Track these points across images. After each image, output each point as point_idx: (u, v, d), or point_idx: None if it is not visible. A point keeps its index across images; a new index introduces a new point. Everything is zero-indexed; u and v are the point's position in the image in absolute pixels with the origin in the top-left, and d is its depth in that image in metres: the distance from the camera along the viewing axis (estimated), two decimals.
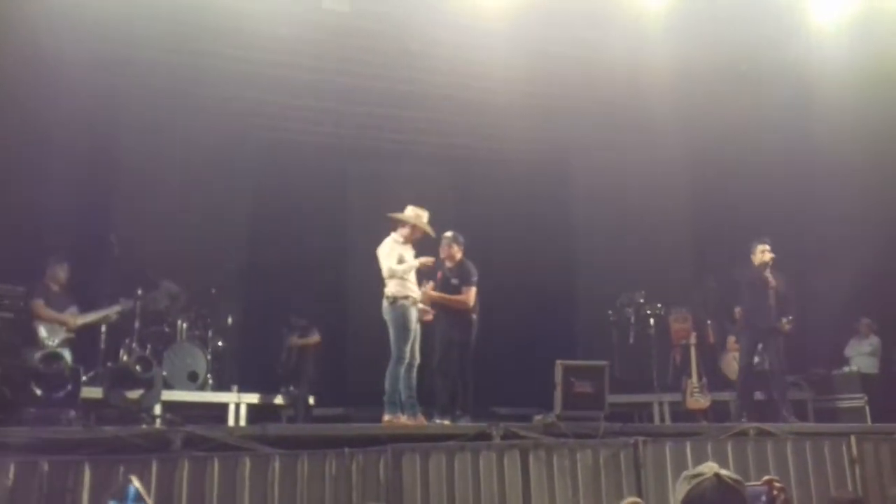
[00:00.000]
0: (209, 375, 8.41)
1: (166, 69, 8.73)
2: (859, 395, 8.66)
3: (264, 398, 8.68)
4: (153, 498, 4.76)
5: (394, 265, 6.65)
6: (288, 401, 8.77)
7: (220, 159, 9.55)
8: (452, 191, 11.22)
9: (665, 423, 8.42)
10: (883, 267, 8.75)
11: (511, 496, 5.67)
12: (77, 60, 7.63)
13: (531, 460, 5.79)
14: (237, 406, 8.28)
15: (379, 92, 9.50)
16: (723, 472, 2.23)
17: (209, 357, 8.46)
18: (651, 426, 8.12)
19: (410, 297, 6.66)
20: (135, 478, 4.14)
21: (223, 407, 8.24)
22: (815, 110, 8.80)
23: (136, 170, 9.09)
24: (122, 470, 4.71)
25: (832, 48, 8.16)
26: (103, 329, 7.67)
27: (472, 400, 7.13)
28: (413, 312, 6.67)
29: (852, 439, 6.73)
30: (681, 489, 2.24)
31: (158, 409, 7.03)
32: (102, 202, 8.87)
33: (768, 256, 7.81)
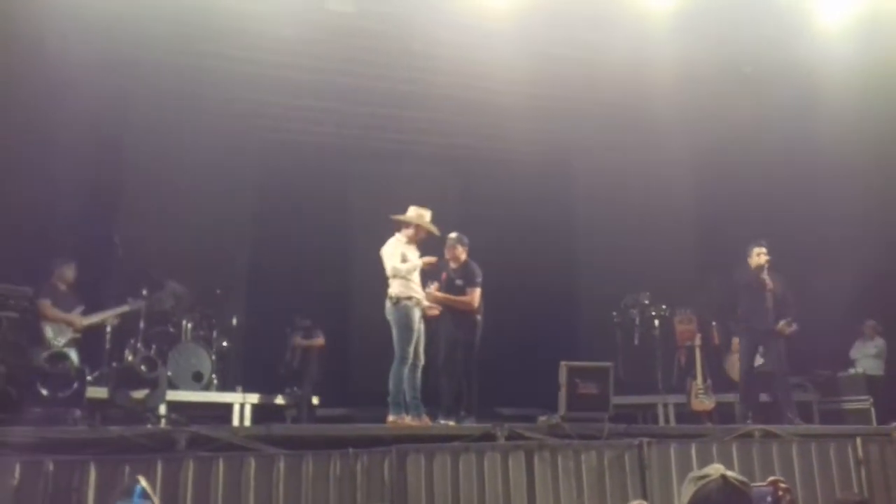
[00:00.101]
0: (214, 376, 8.43)
1: (171, 70, 8.77)
2: (864, 397, 8.66)
3: (269, 398, 8.71)
4: (158, 498, 4.77)
5: (397, 264, 6.62)
6: (291, 401, 8.79)
7: (224, 160, 9.56)
8: (455, 191, 11.23)
9: (670, 425, 8.40)
10: (888, 268, 8.72)
11: (515, 497, 5.66)
12: (82, 62, 7.65)
13: (536, 461, 5.79)
14: (242, 406, 8.32)
15: (382, 92, 9.51)
16: (729, 474, 2.24)
17: (214, 357, 8.48)
18: (656, 427, 8.09)
19: (414, 298, 6.64)
20: (142, 477, 4.15)
21: (228, 407, 8.27)
22: (820, 111, 8.78)
23: (141, 170, 9.11)
24: (128, 470, 4.72)
25: (836, 49, 8.14)
26: (108, 329, 7.68)
27: (477, 401, 7.14)
28: (416, 313, 6.65)
29: (858, 441, 6.72)
30: (687, 490, 2.24)
31: (163, 409, 7.04)
32: (107, 203, 8.88)
33: (764, 259, 7.77)
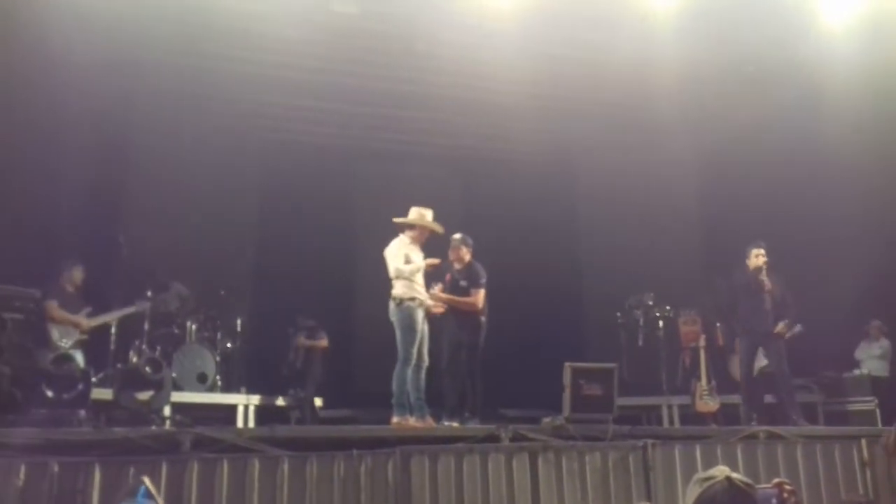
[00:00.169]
0: (218, 377, 8.44)
1: (174, 71, 8.78)
2: (870, 398, 8.62)
3: (273, 400, 8.71)
4: (163, 499, 4.78)
5: (400, 266, 6.61)
6: (294, 402, 8.78)
7: (228, 160, 9.58)
8: (459, 192, 11.23)
9: (674, 426, 8.37)
10: (893, 269, 8.68)
11: (520, 499, 5.65)
12: (85, 62, 7.67)
13: (540, 463, 5.78)
14: (246, 408, 8.33)
15: (385, 93, 9.52)
16: (734, 476, 2.24)
17: (218, 359, 8.49)
18: (660, 429, 8.06)
19: (417, 299, 6.62)
20: (146, 478, 4.16)
21: (232, 408, 8.28)
22: (823, 111, 8.76)
23: (145, 171, 9.13)
24: (132, 471, 4.73)
25: (840, 49, 8.12)
26: (113, 331, 7.69)
27: (481, 402, 7.12)
28: (420, 314, 6.63)
29: (863, 442, 6.70)
30: (692, 492, 2.24)
31: (168, 411, 7.06)
32: (111, 204, 8.90)
33: (762, 260, 7.75)
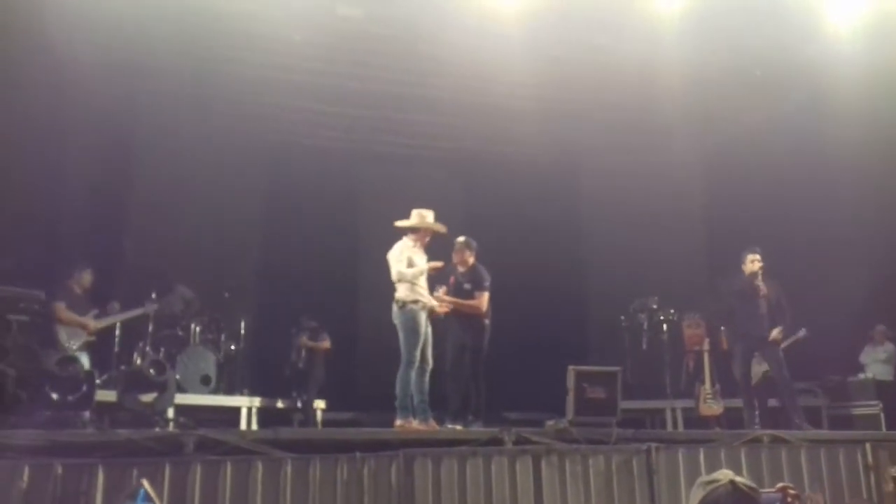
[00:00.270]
0: (216, 378, 8.45)
1: (180, 73, 8.81)
2: (874, 402, 8.60)
3: (276, 402, 8.71)
4: (165, 501, 4.78)
5: (403, 269, 6.58)
6: (296, 405, 8.77)
7: (232, 163, 9.61)
8: (463, 194, 11.23)
9: (678, 430, 8.36)
10: None
11: (523, 502, 5.63)
12: (90, 65, 7.72)
13: (543, 466, 5.76)
14: (249, 410, 8.34)
15: (390, 96, 9.54)
16: (738, 479, 2.23)
17: (221, 360, 8.49)
18: (664, 432, 8.04)
19: (420, 302, 6.60)
20: (145, 480, 4.15)
21: (235, 411, 8.29)
22: (829, 114, 8.76)
23: (150, 174, 9.16)
24: (136, 473, 4.73)
25: (846, 52, 8.12)
26: (117, 332, 7.71)
27: (484, 405, 7.11)
28: (423, 316, 6.60)
29: (867, 446, 6.66)
30: (695, 495, 2.24)
31: (171, 413, 7.05)
32: (115, 206, 8.93)
33: (757, 265, 7.75)
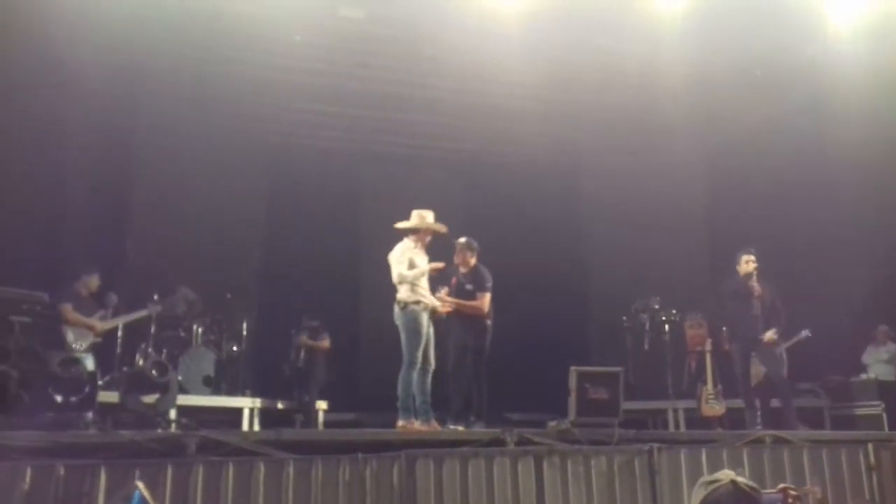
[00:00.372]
0: (223, 380, 8.45)
1: (182, 75, 8.83)
2: (876, 403, 8.59)
3: (278, 403, 8.72)
4: (168, 503, 4.79)
5: (404, 271, 6.58)
6: (298, 406, 8.77)
7: (234, 164, 9.61)
8: (464, 195, 11.23)
9: (680, 430, 8.35)
10: None
11: (525, 502, 5.64)
12: (92, 67, 7.72)
13: (545, 467, 5.76)
14: (251, 411, 8.34)
15: (391, 97, 9.55)
16: (739, 479, 2.23)
17: (224, 361, 8.50)
18: (666, 433, 8.04)
19: (422, 303, 6.59)
20: (140, 483, 4.15)
21: (237, 411, 8.29)
22: (831, 114, 8.76)
23: (152, 175, 9.18)
24: (138, 474, 4.73)
25: (847, 52, 8.12)
26: (119, 334, 7.72)
27: (486, 406, 7.11)
28: (424, 317, 6.59)
29: (870, 447, 6.67)
30: (697, 495, 2.24)
31: (174, 414, 7.06)
32: (118, 208, 8.95)
33: (752, 266, 7.74)
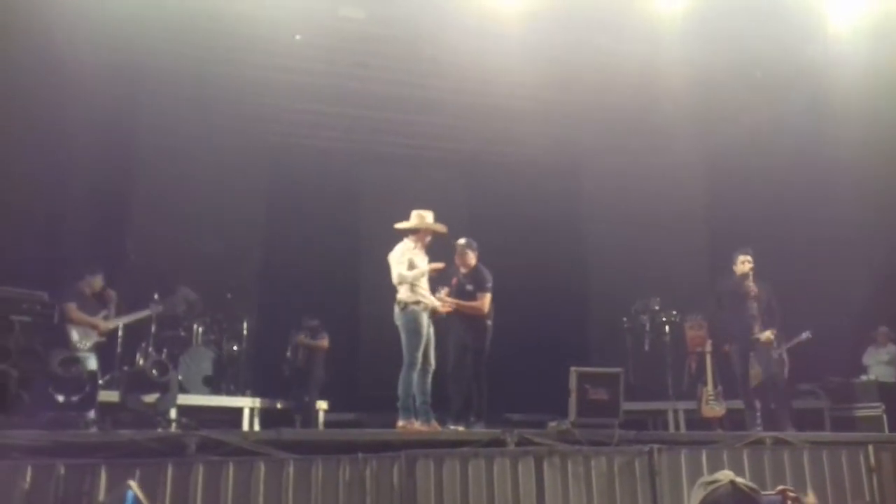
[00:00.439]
0: (223, 380, 8.45)
1: (182, 75, 8.84)
2: (877, 404, 8.58)
3: (278, 403, 8.72)
4: (168, 502, 4.80)
5: (403, 272, 6.57)
6: (294, 407, 8.77)
7: (234, 164, 9.61)
8: (464, 195, 11.23)
9: (680, 431, 8.35)
10: None
11: (525, 503, 5.64)
12: (92, 67, 7.72)
13: (545, 467, 5.76)
14: (251, 410, 8.34)
15: (391, 97, 9.55)
16: (738, 480, 2.23)
17: (224, 361, 8.50)
18: (666, 434, 8.04)
19: (422, 303, 6.59)
20: (133, 482, 4.14)
21: (237, 411, 8.29)
22: (831, 114, 8.76)
23: (151, 175, 9.18)
24: (138, 474, 4.74)
25: (847, 52, 8.12)
26: (120, 333, 7.73)
27: (487, 406, 7.11)
28: (424, 317, 6.59)
29: (870, 448, 6.67)
30: (696, 495, 2.25)
31: (174, 413, 7.07)
32: (118, 207, 8.95)
33: (748, 267, 7.74)
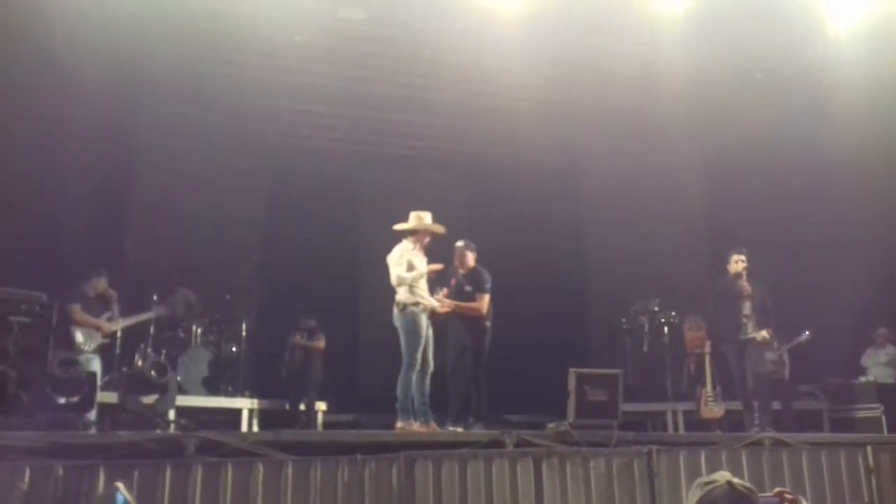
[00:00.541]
0: (222, 381, 8.45)
1: (182, 76, 8.84)
2: (876, 405, 8.59)
3: (277, 404, 8.72)
4: (167, 503, 4.80)
5: (402, 273, 6.57)
6: (294, 405, 8.77)
7: (234, 165, 9.61)
8: (464, 197, 11.25)
9: (679, 433, 8.35)
10: None
11: None
12: (92, 68, 7.74)
13: (544, 468, 5.76)
14: (250, 411, 8.35)
15: (392, 98, 9.55)
16: (735, 480, 2.24)
17: (223, 362, 8.50)
18: (665, 435, 8.03)
19: (421, 304, 6.59)
20: (120, 484, 4.13)
21: (236, 412, 8.29)
22: (831, 117, 8.75)
23: (152, 176, 9.19)
24: (137, 475, 4.74)
25: (847, 54, 8.12)
26: (119, 334, 7.73)
27: (485, 407, 7.11)
28: (423, 318, 6.59)
29: (868, 449, 6.66)
30: (693, 495, 2.25)
31: (172, 415, 7.07)
32: (117, 208, 8.96)
33: (741, 266, 7.74)
